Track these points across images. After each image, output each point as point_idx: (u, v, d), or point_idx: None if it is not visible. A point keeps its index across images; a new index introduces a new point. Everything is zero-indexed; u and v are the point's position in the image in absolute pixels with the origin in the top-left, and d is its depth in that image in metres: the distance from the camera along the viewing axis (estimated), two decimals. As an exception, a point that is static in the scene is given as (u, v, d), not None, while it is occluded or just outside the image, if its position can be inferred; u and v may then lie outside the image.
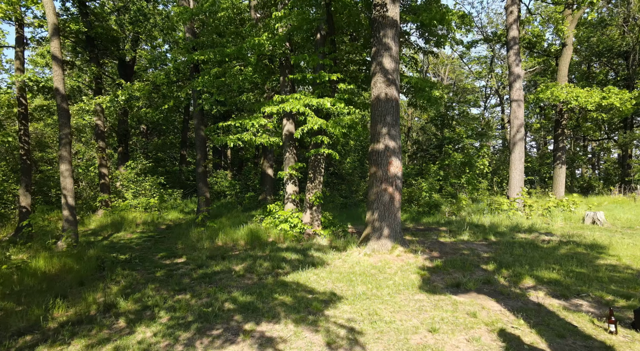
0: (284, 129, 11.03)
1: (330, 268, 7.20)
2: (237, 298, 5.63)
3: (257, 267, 7.38)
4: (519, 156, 14.53)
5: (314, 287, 6.13)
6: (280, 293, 5.81)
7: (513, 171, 14.54)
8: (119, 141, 21.32)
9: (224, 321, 4.83)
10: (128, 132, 21.56)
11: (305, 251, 8.31)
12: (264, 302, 5.48)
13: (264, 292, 5.90)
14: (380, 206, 8.17)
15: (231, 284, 6.58)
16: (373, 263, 7.32)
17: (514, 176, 14.50)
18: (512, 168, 14.59)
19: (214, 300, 5.65)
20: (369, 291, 5.84)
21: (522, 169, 14.55)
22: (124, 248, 10.51)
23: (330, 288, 6.09)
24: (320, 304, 5.33)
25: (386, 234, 8.09)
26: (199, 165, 13.85)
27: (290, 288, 6.11)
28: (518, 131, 14.56)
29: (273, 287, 6.15)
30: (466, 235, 9.92)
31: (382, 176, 8.18)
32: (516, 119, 14.61)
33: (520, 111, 14.60)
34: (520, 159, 14.54)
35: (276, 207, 10.80)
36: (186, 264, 8.03)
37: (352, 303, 5.35)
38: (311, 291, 5.95)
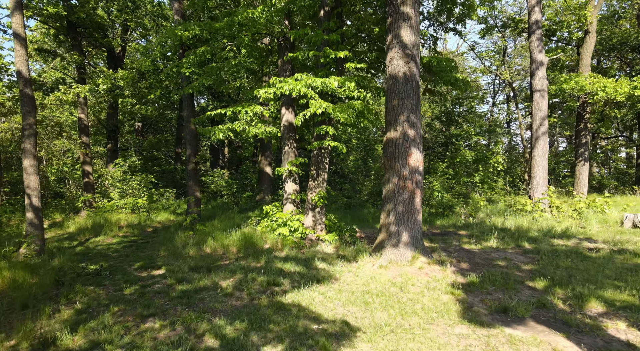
0: (283, 120, 9.67)
1: (339, 284, 5.82)
2: (221, 330, 4.26)
3: (249, 283, 6.00)
4: (542, 151, 13.17)
5: (320, 312, 4.76)
6: (276, 322, 4.44)
7: (536, 168, 13.18)
8: (108, 137, 19.97)
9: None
10: (117, 128, 20.20)
11: (308, 262, 6.94)
12: (256, 333, 4.12)
13: (255, 320, 4.53)
14: (398, 207, 6.81)
15: (215, 306, 5.21)
16: (391, 278, 5.94)
17: (537, 174, 13.13)
18: (534, 165, 13.22)
19: (190, 332, 4.28)
20: (393, 319, 4.47)
21: (545, 166, 13.19)
22: (98, 255, 9.14)
23: (341, 314, 4.72)
24: (330, 340, 3.96)
25: (405, 241, 6.72)
26: (189, 161, 12.48)
27: (290, 313, 4.74)
28: (541, 124, 13.20)
29: (268, 312, 4.78)
30: (493, 241, 8.54)
31: (399, 170, 6.82)
32: (539, 111, 13.25)
33: (543, 102, 13.24)
34: (544, 155, 13.17)
35: (273, 208, 9.43)
36: (164, 278, 6.66)
37: (372, 339, 3.97)
38: (317, 319, 4.58)
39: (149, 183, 18.25)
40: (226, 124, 7.59)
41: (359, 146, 26.29)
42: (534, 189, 13.12)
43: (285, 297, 5.36)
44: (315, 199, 8.81)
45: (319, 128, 8.34)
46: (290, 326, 4.31)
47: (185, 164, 12.58)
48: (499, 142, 20.10)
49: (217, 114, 8.20)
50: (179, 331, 4.32)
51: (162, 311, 5.05)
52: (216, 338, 4.08)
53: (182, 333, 4.26)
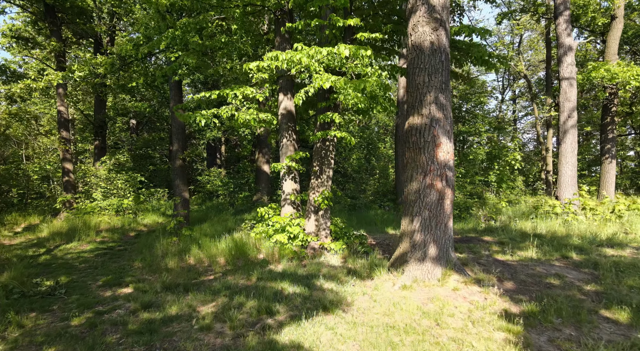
0: (280, 107, 8.27)
1: (352, 313, 4.43)
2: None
3: (235, 310, 4.60)
4: (571, 147, 11.77)
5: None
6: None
7: (564, 166, 11.78)
8: (95, 133, 18.58)
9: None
10: (105, 124, 18.80)
11: (310, 280, 5.54)
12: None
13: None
14: (424, 211, 5.41)
15: (186, 348, 3.81)
16: (421, 305, 4.54)
17: (566, 172, 11.73)
18: (562, 162, 11.82)
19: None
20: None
21: (575, 163, 11.78)
22: (62, 267, 7.75)
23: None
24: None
25: (433, 255, 5.32)
26: (176, 157, 11.08)
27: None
28: (570, 116, 11.80)
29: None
30: (531, 251, 7.14)
31: (425, 165, 5.42)
32: (567, 101, 11.85)
33: (572, 92, 11.84)
34: (572, 151, 11.77)
35: (269, 211, 8.04)
36: (129, 301, 5.26)
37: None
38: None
39: (138, 183, 16.85)
40: (210, 110, 6.21)
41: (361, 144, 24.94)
42: (562, 189, 11.71)
43: (281, 334, 3.97)
44: (319, 200, 7.41)
45: (324, 116, 6.94)
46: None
47: (172, 159, 11.19)
48: (515, 137, 18.68)
49: (203, 100, 6.79)
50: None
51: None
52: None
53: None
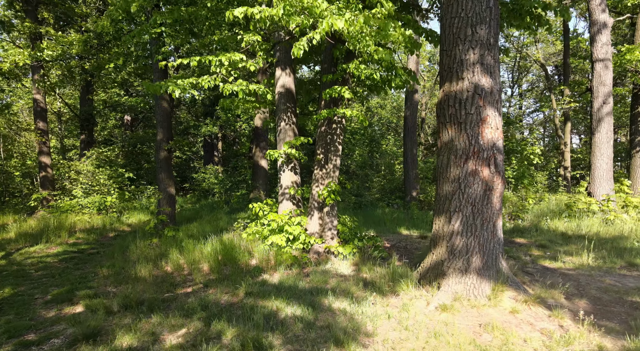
0: (277, 85, 6.94)
1: (377, 347, 3.10)
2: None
3: (210, 345, 3.26)
4: (606, 136, 10.44)
5: None
6: None
7: (598, 159, 10.45)
8: (81, 127, 17.30)
9: None
10: (92, 117, 17.51)
11: (315, 297, 4.20)
12: None
13: None
14: (466, 207, 4.08)
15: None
16: (473, 336, 3.22)
17: (600, 165, 10.41)
18: (596, 154, 10.50)
19: None
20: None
21: (610, 155, 10.46)
22: (13, 275, 6.42)
23: None
24: None
25: (479, 264, 3.99)
26: (160, 148, 9.77)
27: None
28: (605, 102, 10.48)
29: None
30: (585, 257, 5.81)
31: (466, 145, 4.09)
32: (602, 85, 10.52)
33: (607, 75, 10.52)
34: (608, 142, 10.45)
35: (264, 207, 6.71)
36: (72, 326, 3.93)
37: None
38: None
39: (126, 179, 15.53)
40: (187, 79, 4.88)
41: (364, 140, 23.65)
42: (596, 185, 10.39)
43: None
44: (324, 194, 6.08)
45: (330, 90, 5.62)
46: None
47: (156, 150, 9.87)
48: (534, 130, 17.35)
49: (178, 63, 5.42)
50: None
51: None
52: None
53: None
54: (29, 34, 12.51)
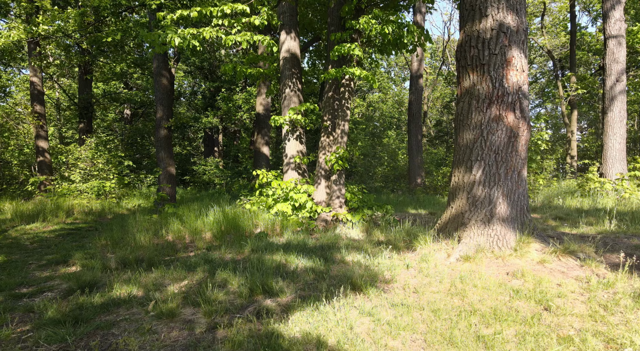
0: (282, 50, 6.66)
1: (397, 292, 2.82)
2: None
3: (215, 291, 2.98)
4: (619, 115, 10.16)
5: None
6: None
7: (611, 138, 10.16)
8: (80, 115, 17.02)
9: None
10: (91, 105, 17.24)
11: (326, 252, 3.92)
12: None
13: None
14: (489, 154, 3.80)
15: (128, 347, 2.21)
16: (502, 280, 2.93)
17: (613, 145, 10.12)
18: (608, 134, 10.21)
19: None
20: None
21: (624, 134, 10.17)
22: (7, 246, 6.14)
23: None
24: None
25: (503, 215, 3.71)
26: (160, 126, 9.50)
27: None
28: (618, 80, 10.19)
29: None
30: (607, 224, 5.52)
31: (489, 89, 3.81)
32: (615, 62, 10.24)
33: (621, 51, 10.23)
34: (621, 121, 10.16)
35: (269, 175, 6.42)
36: (66, 281, 3.66)
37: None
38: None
39: (126, 168, 15.25)
40: (188, 29, 4.58)
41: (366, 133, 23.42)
42: (609, 164, 10.10)
43: (288, 322, 2.37)
44: (332, 160, 5.80)
45: (339, 47, 5.33)
46: None
47: (155, 128, 9.60)
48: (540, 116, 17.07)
49: (178, 17, 5.11)
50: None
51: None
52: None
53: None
54: (25, 13, 12.24)
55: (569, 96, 16.56)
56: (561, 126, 25.66)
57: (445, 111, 24.66)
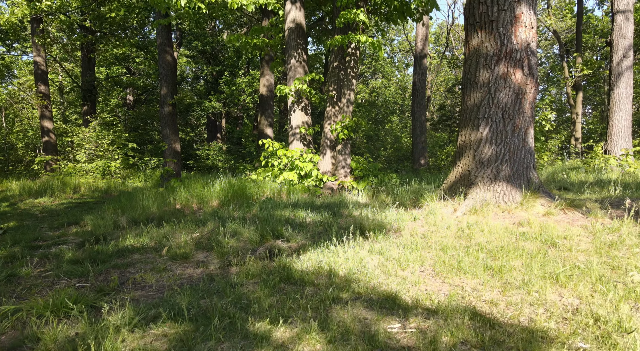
0: (287, 20, 6.60)
1: (406, 238, 2.88)
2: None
3: (227, 237, 3.06)
4: (625, 92, 10.06)
5: (390, 290, 1.81)
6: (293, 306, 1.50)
7: (616, 115, 10.09)
8: (84, 98, 16.99)
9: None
10: (94, 88, 17.19)
11: (333, 208, 3.98)
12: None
13: (220, 306, 1.58)
14: (496, 112, 3.81)
15: (145, 279, 2.31)
16: (509, 226, 2.99)
17: (619, 122, 10.06)
18: (614, 110, 10.13)
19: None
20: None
21: (630, 111, 10.10)
22: (19, 215, 6.25)
23: (447, 292, 1.76)
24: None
25: (509, 172, 3.74)
26: (164, 103, 9.50)
27: (315, 289, 1.79)
28: (625, 56, 10.07)
29: (257, 293, 1.84)
30: (613, 190, 5.55)
31: (497, 45, 3.79)
32: (622, 38, 10.09)
33: (628, 27, 10.08)
34: (627, 97, 10.08)
35: (274, 144, 6.46)
36: (79, 237, 3.75)
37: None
38: (387, 304, 1.63)
39: (130, 150, 15.30)
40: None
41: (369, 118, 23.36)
42: (614, 142, 10.05)
43: (300, 259, 2.44)
44: (338, 129, 5.82)
45: (345, 13, 5.29)
46: (321, 321, 1.38)
47: (160, 105, 9.60)
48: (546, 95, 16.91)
49: None
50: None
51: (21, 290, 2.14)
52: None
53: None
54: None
55: (574, 77, 16.38)
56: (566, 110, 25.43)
57: (449, 95, 24.47)
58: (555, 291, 1.86)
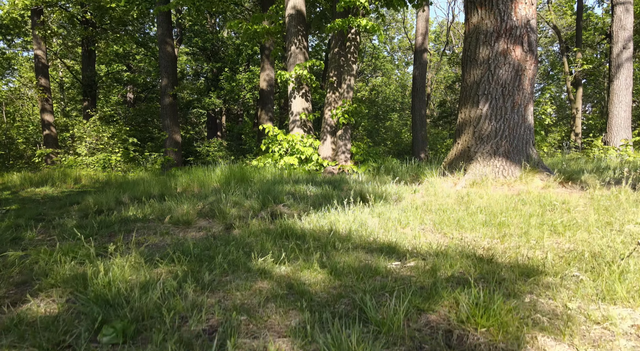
0: (288, 7, 6.64)
1: (405, 204, 2.92)
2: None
3: (228, 206, 3.09)
4: (625, 83, 10.10)
5: (390, 240, 1.84)
6: (302, 250, 1.53)
7: (616, 106, 10.13)
8: (84, 93, 17.01)
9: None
10: (95, 83, 17.23)
11: (334, 184, 4.01)
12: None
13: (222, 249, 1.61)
14: (495, 89, 3.84)
15: (148, 240, 2.33)
16: (509, 195, 3.02)
17: (618, 113, 10.09)
18: (614, 101, 10.17)
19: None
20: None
21: (629, 102, 10.13)
22: (21, 200, 6.28)
23: (440, 241, 1.80)
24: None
25: (508, 148, 3.77)
26: (165, 94, 9.54)
27: (318, 243, 1.82)
28: (625, 47, 10.10)
29: (263, 242, 1.87)
30: (612, 173, 5.57)
31: (497, 22, 3.83)
32: (622, 29, 10.13)
33: (628, 18, 10.11)
34: (627, 88, 10.11)
35: (275, 129, 6.48)
36: (80, 212, 3.78)
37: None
38: (389, 249, 1.66)
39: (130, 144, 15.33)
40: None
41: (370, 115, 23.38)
42: (613, 133, 10.09)
43: (301, 220, 2.47)
44: (338, 114, 5.85)
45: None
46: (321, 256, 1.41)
47: (160, 96, 9.64)
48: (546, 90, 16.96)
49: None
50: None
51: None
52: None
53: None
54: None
55: (574, 71, 16.41)
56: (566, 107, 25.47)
57: (449, 92, 24.49)
58: (552, 239, 1.89)
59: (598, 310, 1.06)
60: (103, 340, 0.95)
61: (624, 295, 1.11)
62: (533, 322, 1.00)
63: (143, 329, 1.06)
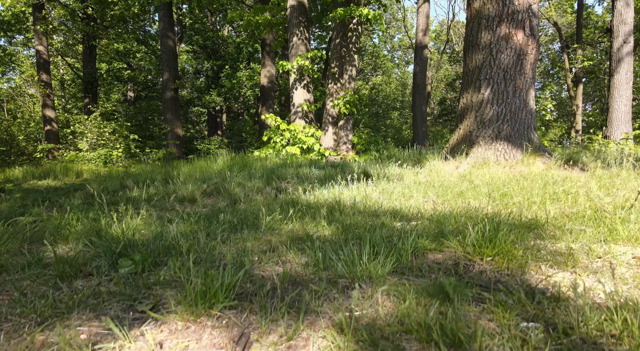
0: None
1: (408, 181, 2.94)
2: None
3: (233, 186, 3.12)
4: (625, 78, 10.12)
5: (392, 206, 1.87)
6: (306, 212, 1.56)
7: (616, 100, 10.16)
8: (85, 90, 17.05)
9: None
10: (96, 80, 17.27)
11: (337, 168, 4.04)
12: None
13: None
14: (497, 73, 3.87)
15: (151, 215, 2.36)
16: (509, 174, 3.05)
17: (619, 107, 10.12)
18: (614, 96, 10.19)
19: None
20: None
21: (630, 97, 10.16)
22: (24, 191, 6.31)
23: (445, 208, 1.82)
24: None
25: (510, 132, 3.80)
26: (166, 88, 9.57)
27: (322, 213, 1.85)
28: (625, 42, 10.13)
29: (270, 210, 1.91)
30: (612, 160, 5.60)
31: (499, 7, 3.86)
32: (623, 24, 10.16)
33: (628, 12, 10.15)
34: (627, 83, 10.14)
35: (277, 118, 6.51)
36: (85, 196, 3.82)
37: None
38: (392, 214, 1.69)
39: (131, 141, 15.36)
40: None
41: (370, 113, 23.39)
42: (613, 127, 10.12)
43: (306, 194, 2.50)
44: (340, 104, 5.87)
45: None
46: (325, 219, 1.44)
47: (162, 90, 9.68)
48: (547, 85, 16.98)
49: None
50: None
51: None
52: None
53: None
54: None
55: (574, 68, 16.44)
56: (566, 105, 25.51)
57: (449, 90, 24.53)
58: (555, 205, 1.92)
59: (600, 248, 1.09)
60: (121, 271, 0.98)
61: (626, 235, 1.14)
62: (537, 256, 1.03)
63: (160, 262, 1.09)
